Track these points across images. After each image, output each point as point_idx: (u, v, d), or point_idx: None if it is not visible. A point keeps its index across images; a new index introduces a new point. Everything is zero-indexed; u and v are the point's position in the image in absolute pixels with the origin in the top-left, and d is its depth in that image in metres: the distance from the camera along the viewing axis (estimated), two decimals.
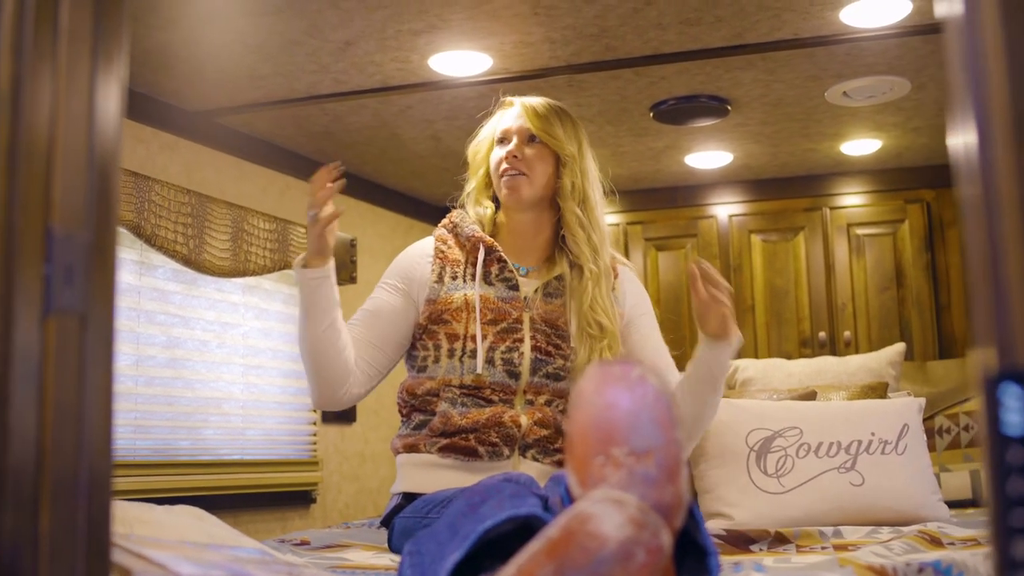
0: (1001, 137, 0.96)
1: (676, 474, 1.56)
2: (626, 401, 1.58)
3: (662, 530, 1.50)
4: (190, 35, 3.64)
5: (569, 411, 1.66)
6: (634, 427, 1.57)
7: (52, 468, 1.20)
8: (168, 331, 4.28)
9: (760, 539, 2.97)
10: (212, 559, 2.04)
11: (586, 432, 1.59)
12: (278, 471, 4.73)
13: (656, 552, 1.48)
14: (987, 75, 0.97)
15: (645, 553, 1.47)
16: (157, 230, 4.01)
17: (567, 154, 2.86)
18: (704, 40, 3.74)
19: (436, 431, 2.77)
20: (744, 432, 3.55)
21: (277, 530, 4.70)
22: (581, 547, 1.47)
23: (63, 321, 1.22)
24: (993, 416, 0.95)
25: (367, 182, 5.64)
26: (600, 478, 1.56)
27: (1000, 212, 0.97)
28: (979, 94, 0.98)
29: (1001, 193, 0.97)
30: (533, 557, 1.49)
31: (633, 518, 1.48)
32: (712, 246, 5.88)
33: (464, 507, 1.98)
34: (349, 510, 5.33)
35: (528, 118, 2.87)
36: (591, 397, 1.61)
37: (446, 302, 2.82)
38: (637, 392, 1.59)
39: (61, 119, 1.25)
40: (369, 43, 3.71)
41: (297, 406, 5.01)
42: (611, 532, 1.47)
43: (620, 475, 1.55)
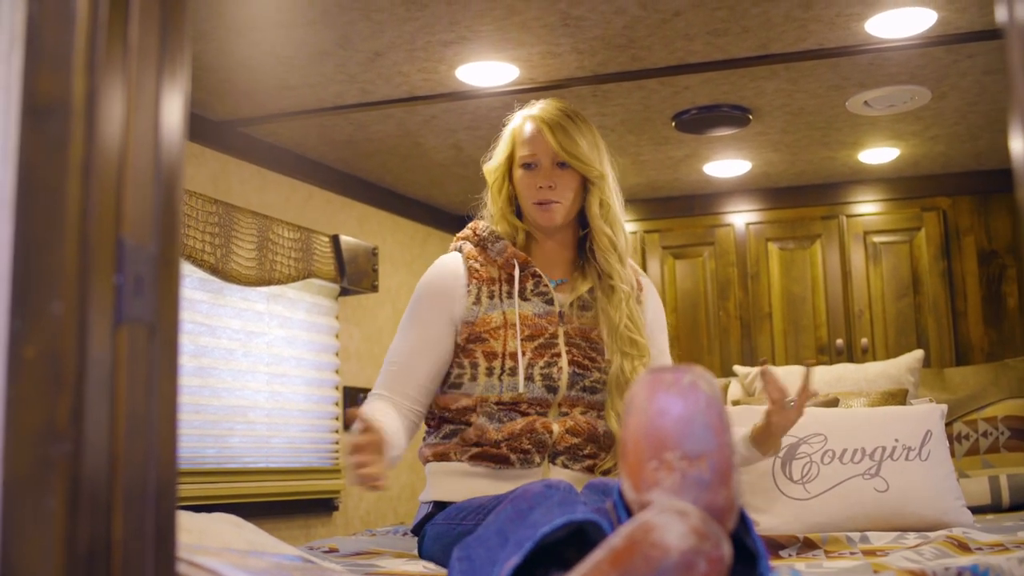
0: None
1: (728, 478, 1.59)
2: (678, 407, 1.60)
3: (723, 541, 1.52)
4: (222, 46, 3.67)
5: (623, 418, 1.68)
6: (687, 432, 1.59)
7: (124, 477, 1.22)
8: (195, 340, 4.31)
9: (789, 545, 2.98)
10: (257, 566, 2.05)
11: (639, 438, 1.61)
12: (301, 479, 4.75)
13: (717, 562, 1.51)
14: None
15: (706, 563, 1.49)
16: (186, 240, 4.04)
17: (596, 175, 2.83)
18: (730, 50, 3.77)
19: (469, 441, 2.76)
20: None
21: (301, 537, 4.72)
22: (644, 557, 1.49)
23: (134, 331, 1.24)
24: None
25: (388, 191, 5.67)
26: (653, 482, 1.58)
27: None
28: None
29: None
30: (596, 566, 1.51)
31: (696, 528, 1.50)
32: (729, 254, 5.90)
33: (513, 513, 1.98)
34: (370, 517, 5.35)
35: (552, 143, 2.81)
36: (643, 404, 1.62)
37: (485, 322, 2.79)
38: (689, 398, 1.60)
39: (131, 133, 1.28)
40: (398, 54, 3.75)
41: (320, 414, 5.03)
42: (674, 542, 1.49)
43: (673, 479, 1.57)
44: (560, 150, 2.80)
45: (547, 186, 2.81)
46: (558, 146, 2.80)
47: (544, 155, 2.83)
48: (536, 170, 2.84)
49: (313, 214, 5.09)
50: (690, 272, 5.97)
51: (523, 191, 2.87)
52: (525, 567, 1.76)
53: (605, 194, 2.85)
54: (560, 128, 2.83)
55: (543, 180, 2.82)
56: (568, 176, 2.82)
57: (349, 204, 5.40)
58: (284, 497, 4.67)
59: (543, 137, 2.83)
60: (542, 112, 2.89)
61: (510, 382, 2.74)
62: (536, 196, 2.83)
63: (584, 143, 2.82)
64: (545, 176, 2.82)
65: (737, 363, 5.67)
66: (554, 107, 2.90)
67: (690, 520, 1.50)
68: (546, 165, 2.83)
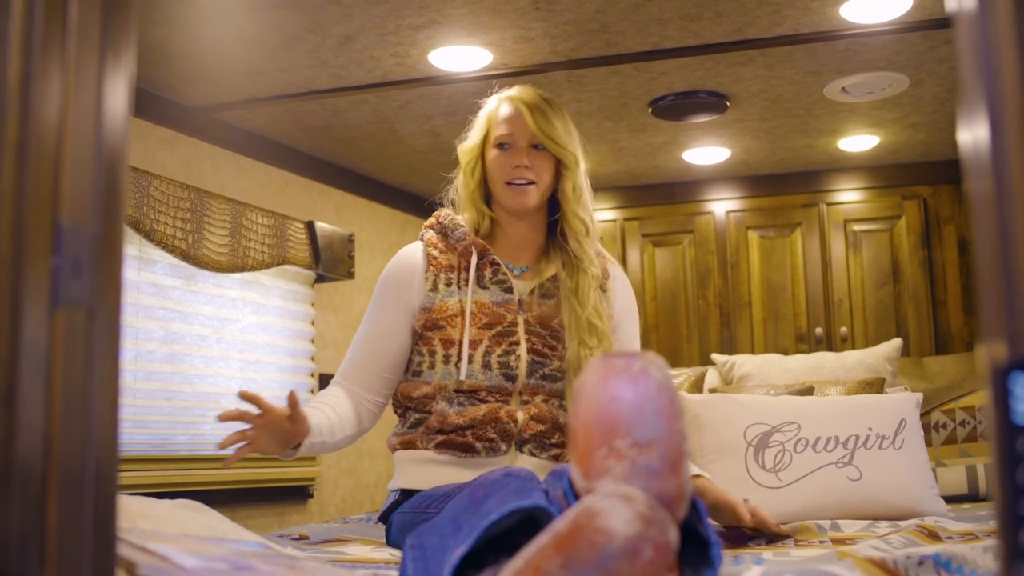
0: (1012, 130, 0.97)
1: (679, 466, 1.57)
2: (629, 393, 1.58)
3: (669, 526, 1.50)
4: (189, 30, 3.64)
5: (572, 404, 1.66)
6: (637, 419, 1.57)
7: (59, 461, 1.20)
8: (167, 326, 4.28)
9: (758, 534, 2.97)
10: (214, 552, 2.04)
11: (589, 425, 1.59)
12: (275, 466, 4.73)
13: (663, 548, 1.49)
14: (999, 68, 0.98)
15: (652, 549, 1.48)
16: (156, 225, 4.01)
17: (570, 160, 2.83)
18: (704, 35, 3.75)
19: (433, 429, 2.77)
20: (742, 427, 3.55)
21: (275, 525, 4.71)
22: (588, 542, 1.47)
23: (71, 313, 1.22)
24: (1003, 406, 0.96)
25: (365, 178, 5.64)
26: (603, 470, 1.56)
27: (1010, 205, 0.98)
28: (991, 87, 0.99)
29: (1011, 185, 0.98)
30: (541, 551, 1.49)
31: (642, 514, 1.48)
32: (709, 242, 5.89)
33: (467, 501, 1.98)
34: (346, 505, 5.34)
35: (530, 124, 2.81)
36: (594, 390, 1.61)
37: (441, 309, 2.80)
38: (640, 384, 1.59)
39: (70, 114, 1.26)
40: (369, 38, 3.72)
41: None
42: (619, 528, 1.47)
43: (623, 467, 1.55)
44: (538, 131, 2.80)
45: (523, 165, 2.81)
46: (536, 127, 2.80)
47: (521, 136, 2.83)
48: (512, 150, 2.84)
49: (289, 201, 5.07)
50: (670, 260, 5.95)
51: (496, 171, 2.86)
52: (476, 554, 1.75)
53: (578, 179, 2.85)
54: (539, 110, 2.84)
55: (519, 159, 2.82)
56: (543, 158, 2.83)
57: (326, 191, 5.37)
58: (258, 484, 4.66)
59: (521, 118, 2.83)
60: (520, 94, 2.90)
61: (468, 370, 2.75)
62: (510, 175, 2.82)
63: (560, 127, 2.83)
64: (522, 156, 2.82)
65: (716, 352, 5.66)
66: (531, 91, 2.91)
67: (636, 505, 1.49)
68: (522, 146, 2.83)
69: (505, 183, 2.83)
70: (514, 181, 2.81)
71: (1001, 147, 0.97)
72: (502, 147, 2.85)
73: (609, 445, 1.57)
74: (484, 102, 2.97)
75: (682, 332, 5.89)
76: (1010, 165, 0.97)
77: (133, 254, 4.13)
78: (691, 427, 3.63)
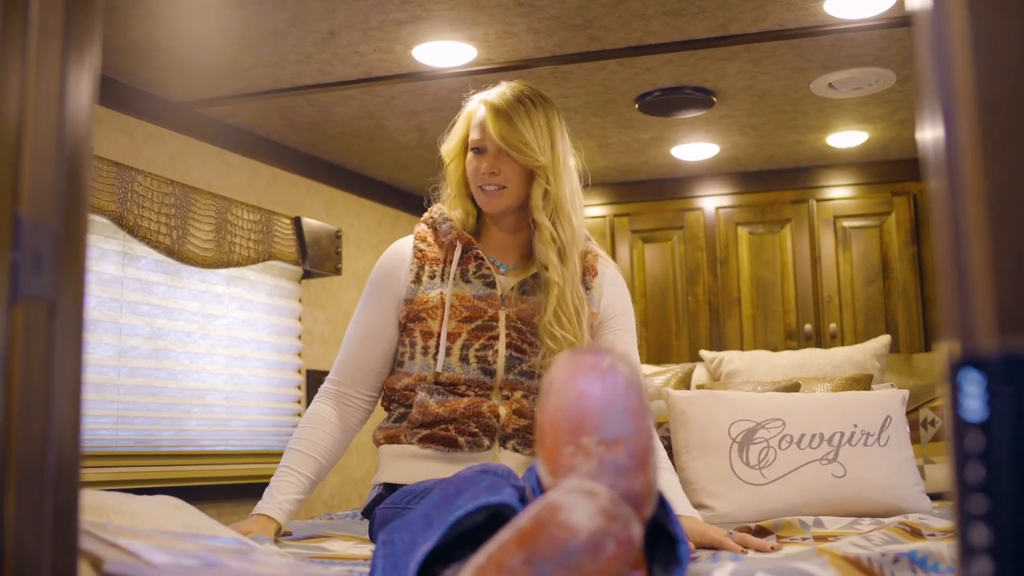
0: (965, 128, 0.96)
1: (646, 463, 1.56)
2: (597, 390, 1.57)
3: (633, 522, 1.49)
4: (173, 25, 3.63)
5: (540, 400, 1.66)
6: (604, 416, 1.56)
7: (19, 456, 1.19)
8: (151, 322, 4.27)
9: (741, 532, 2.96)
10: (187, 548, 2.03)
11: (556, 421, 1.58)
12: (262, 461, 4.72)
13: (626, 544, 1.48)
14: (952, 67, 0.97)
15: (615, 544, 1.47)
16: (140, 220, 4.00)
17: (538, 166, 2.80)
18: (688, 31, 3.74)
19: (416, 422, 2.77)
20: (727, 423, 3.55)
21: None
22: (551, 537, 1.46)
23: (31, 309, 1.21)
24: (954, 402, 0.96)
25: (354, 173, 5.63)
26: (570, 467, 1.55)
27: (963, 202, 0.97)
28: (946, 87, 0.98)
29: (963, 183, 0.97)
30: (503, 546, 1.48)
31: (604, 509, 1.48)
32: (699, 238, 5.88)
33: (439, 498, 1.97)
34: (334, 501, 5.33)
35: (492, 132, 2.79)
36: (561, 386, 1.60)
37: (422, 301, 2.81)
38: (608, 381, 1.58)
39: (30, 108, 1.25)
40: (353, 33, 3.71)
41: (281, 397, 5.00)
42: (581, 523, 1.46)
43: (590, 464, 1.55)
44: (500, 140, 2.79)
45: (490, 172, 2.81)
46: (499, 136, 2.79)
47: (489, 142, 2.83)
48: (482, 155, 2.84)
49: (277, 196, 5.05)
50: (659, 256, 5.95)
51: (470, 175, 2.87)
52: (445, 550, 1.74)
53: (551, 184, 2.81)
54: (504, 117, 2.81)
55: (487, 166, 2.82)
56: (512, 164, 2.81)
57: (315, 187, 5.36)
58: (244, 480, 4.64)
59: (491, 124, 2.82)
60: (494, 98, 2.87)
61: (445, 362, 2.75)
62: (480, 180, 2.83)
63: (530, 132, 2.79)
64: (490, 162, 2.82)
65: (705, 348, 5.65)
66: (510, 92, 2.87)
67: (598, 500, 1.48)
68: (491, 151, 2.83)
69: (478, 187, 2.84)
70: (484, 186, 2.82)
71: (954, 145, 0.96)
72: (475, 151, 2.85)
73: (576, 442, 1.57)
74: (467, 100, 2.96)
75: (671, 328, 5.89)
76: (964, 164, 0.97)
77: (117, 250, 4.12)
78: (676, 424, 3.62)
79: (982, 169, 0.95)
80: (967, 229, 0.97)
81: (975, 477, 0.93)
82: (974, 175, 0.97)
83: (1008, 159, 0.94)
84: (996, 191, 0.94)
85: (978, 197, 0.96)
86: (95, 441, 3.97)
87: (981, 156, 0.95)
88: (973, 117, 0.96)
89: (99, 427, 4.00)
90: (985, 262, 0.95)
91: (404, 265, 2.89)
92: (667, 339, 5.87)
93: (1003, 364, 0.93)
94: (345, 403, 2.91)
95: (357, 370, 2.90)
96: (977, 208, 0.97)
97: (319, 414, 2.90)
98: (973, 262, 0.96)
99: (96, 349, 4.02)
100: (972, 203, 0.97)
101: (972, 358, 0.95)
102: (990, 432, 0.93)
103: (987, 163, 0.95)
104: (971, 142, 0.96)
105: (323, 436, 2.87)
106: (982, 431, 0.93)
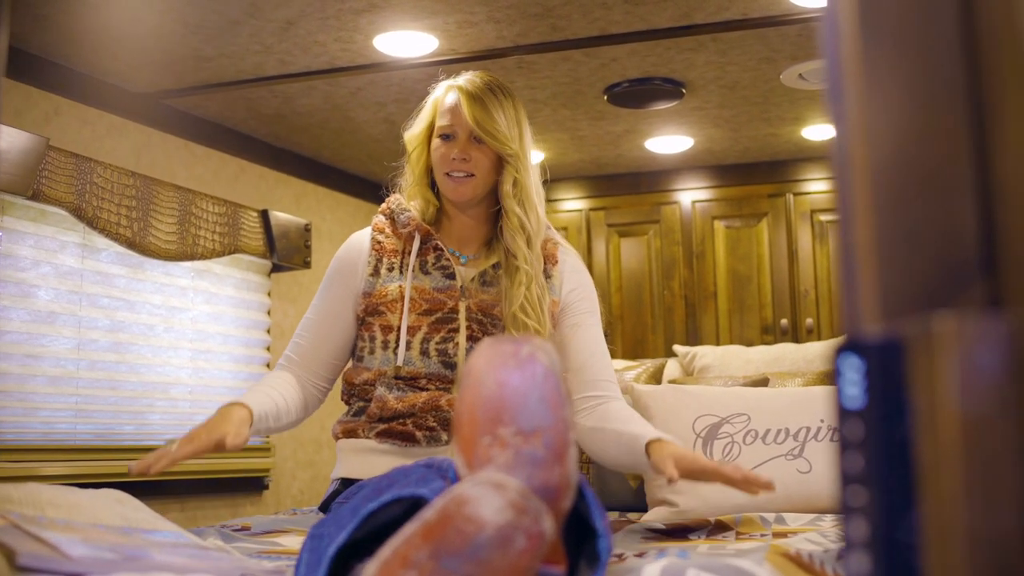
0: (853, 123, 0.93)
1: (564, 454, 1.52)
2: (515, 379, 1.53)
3: (544, 515, 1.45)
4: (129, 15, 3.59)
5: (459, 390, 1.61)
6: (522, 406, 1.52)
7: None
8: (112, 315, 4.22)
9: (700, 528, 2.93)
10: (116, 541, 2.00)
11: (474, 411, 1.54)
12: (229, 457, 4.68)
13: (537, 538, 1.44)
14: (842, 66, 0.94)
15: (525, 539, 1.42)
16: (99, 212, 3.95)
17: (509, 153, 2.76)
18: (651, 20, 3.69)
19: (374, 417, 2.73)
20: (691, 418, 3.51)
21: (227, 516, 4.66)
22: (458, 530, 1.42)
23: None
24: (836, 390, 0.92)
25: (325, 166, 5.59)
26: (487, 459, 1.51)
27: (851, 188, 0.94)
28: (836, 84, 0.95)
29: (852, 167, 0.94)
30: (408, 540, 1.44)
31: (513, 502, 1.43)
32: (675, 232, 5.84)
33: (370, 492, 1.93)
34: (303, 496, 5.29)
35: (468, 116, 2.75)
36: (480, 375, 1.56)
37: (381, 294, 2.76)
38: (527, 371, 1.54)
39: None
40: (311, 22, 3.66)
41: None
42: (489, 516, 1.42)
43: (507, 456, 1.50)
44: (475, 125, 2.74)
45: (460, 158, 2.76)
46: (473, 121, 2.74)
47: (461, 128, 2.78)
48: (452, 141, 2.79)
49: (245, 189, 5.01)
50: (635, 251, 5.91)
51: (437, 161, 2.81)
52: (365, 544, 1.71)
53: (520, 173, 2.78)
54: (479, 102, 2.77)
55: (457, 152, 2.76)
56: (483, 151, 2.77)
57: (285, 180, 5.32)
58: (210, 475, 4.61)
59: (460, 109, 2.77)
60: (465, 83, 2.83)
61: (405, 356, 2.71)
62: (449, 167, 2.77)
63: (502, 120, 2.76)
64: (460, 148, 2.77)
65: (681, 343, 5.62)
66: (479, 79, 2.84)
67: (507, 493, 1.43)
68: (462, 138, 2.77)
69: (445, 174, 2.79)
70: (452, 173, 2.77)
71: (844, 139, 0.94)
72: (444, 137, 2.80)
73: (493, 433, 1.52)
74: (433, 87, 2.91)
75: (647, 323, 5.85)
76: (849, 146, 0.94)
77: (76, 242, 4.07)
78: None
79: (867, 168, 0.93)
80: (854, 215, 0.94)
81: (854, 467, 0.89)
82: (861, 174, 0.94)
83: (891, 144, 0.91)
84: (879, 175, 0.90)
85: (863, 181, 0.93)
86: (52, 435, 3.93)
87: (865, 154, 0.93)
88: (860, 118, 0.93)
89: (57, 420, 3.97)
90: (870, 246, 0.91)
91: (362, 258, 2.84)
92: (643, 334, 5.84)
93: (881, 349, 0.89)
94: (303, 384, 2.84)
95: (310, 359, 2.84)
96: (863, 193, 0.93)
97: (280, 377, 2.81)
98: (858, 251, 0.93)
99: (54, 342, 3.97)
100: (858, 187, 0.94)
101: (852, 343, 0.91)
102: (868, 420, 0.89)
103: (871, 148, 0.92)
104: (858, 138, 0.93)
105: (291, 391, 2.76)
106: (861, 419, 0.89)
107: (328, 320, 2.84)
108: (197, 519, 4.52)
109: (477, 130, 2.74)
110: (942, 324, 0.84)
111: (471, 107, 2.75)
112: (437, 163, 2.81)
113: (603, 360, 2.89)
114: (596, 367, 2.85)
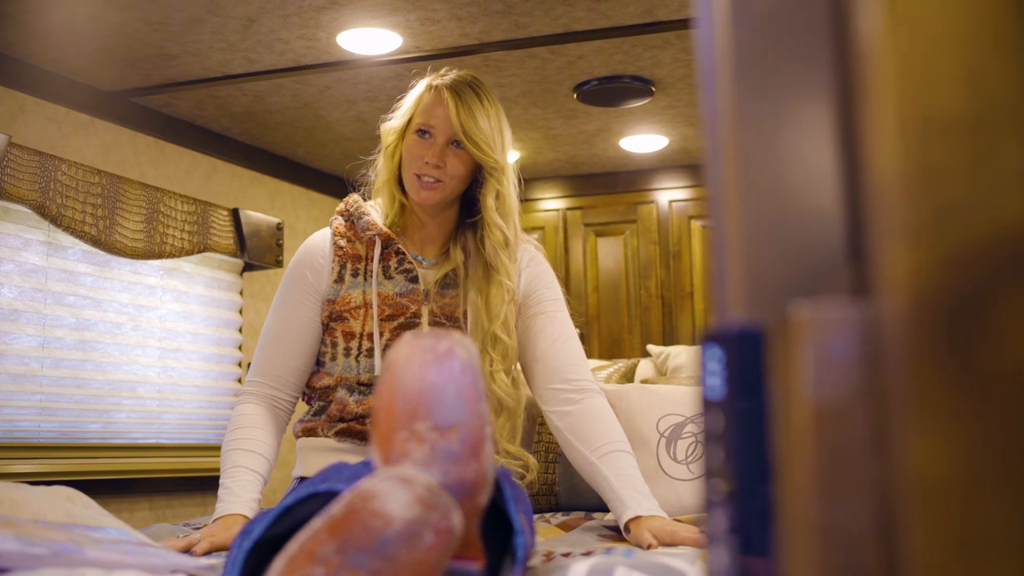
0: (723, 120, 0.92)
1: (479, 450, 1.51)
2: (432, 374, 1.52)
3: (452, 511, 1.44)
4: (92, 12, 3.57)
5: (376, 384, 1.60)
6: (438, 401, 1.51)
7: None
8: (77, 313, 4.21)
9: None
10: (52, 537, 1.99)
11: (391, 406, 1.53)
12: (198, 455, 4.67)
13: (446, 534, 1.42)
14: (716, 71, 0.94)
15: (433, 534, 1.41)
16: (64, 210, 3.94)
17: (492, 165, 2.65)
18: (614, 17, 3.68)
19: (334, 417, 2.71)
20: (655, 418, 3.49)
21: (196, 514, 4.64)
22: (364, 526, 1.41)
23: None
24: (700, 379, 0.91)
25: (298, 165, 5.57)
26: (403, 454, 1.50)
27: (719, 175, 0.93)
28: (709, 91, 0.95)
29: (723, 176, 0.93)
30: (315, 535, 1.43)
31: (421, 497, 1.42)
32: (652, 232, 5.84)
33: (301, 488, 1.93)
34: (276, 495, 5.27)
35: (453, 120, 2.62)
36: (398, 370, 1.54)
37: (344, 301, 2.70)
38: (444, 365, 1.53)
39: None
40: (273, 20, 3.65)
41: (219, 390, 4.94)
42: (396, 511, 1.41)
43: (423, 451, 1.49)
44: (459, 128, 2.62)
45: (434, 164, 2.63)
46: (459, 124, 2.61)
47: (441, 130, 2.65)
48: (429, 141, 2.65)
49: (218, 188, 5.00)
50: (612, 250, 5.90)
51: (410, 158, 2.67)
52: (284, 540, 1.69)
53: (502, 185, 2.67)
54: (465, 106, 2.64)
55: (432, 156, 2.64)
56: (460, 157, 2.65)
57: (258, 178, 5.30)
58: (178, 474, 4.59)
59: (445, 110, 2.64)
60: (452, 83, 2.70)
61: (367, 363, 2.66)
62: (420, 168, 2.64)
63: (486, 126, 2.64)
64: (436, 152, 2.64)
65: (658, 342, 5.60)
66: (464, 80, 2.72)
67: (415, 488, 1.42)
68: (440, 141, 2.65)
69: (414, 174, 2.67)
70: (422, 176, 2.65)
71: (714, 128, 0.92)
72: (421, 133, 2.66)
73: (410, 428, 1.51)
74: (415, 83, 2.77)
75: (624, 323, 5.84)
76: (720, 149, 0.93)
77: (40, 239, 4.06)
78: None
79: (735, 167, 0.92)
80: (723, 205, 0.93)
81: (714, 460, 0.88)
82: (732, 175, 0.93)
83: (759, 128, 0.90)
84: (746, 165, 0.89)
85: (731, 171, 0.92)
86: (15, 432, 3.92)
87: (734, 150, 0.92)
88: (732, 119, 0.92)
89: (20, 418, 3.96)
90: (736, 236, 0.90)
91: (325, 264, 2.75)
92: (619, 333, 5.83)
93: (740, 339, 0.88)
94: (275, 405, 2.77)
95: (283, 371, 2.75)
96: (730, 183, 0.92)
97: (254, 415, 2.75)
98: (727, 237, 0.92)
99: (17, 339, 3.96)
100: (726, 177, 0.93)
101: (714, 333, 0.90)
102: (728, 411, 0.87)
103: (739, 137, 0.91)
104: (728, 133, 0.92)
105: (266, 435, 2.72)
106: (721, 410, 0.88)
107: (294, 328, 2.75)
108: (166, 517, 4.51)
109: (461, 135, 2.62)
110: (798, 312, 0.83)
111: (458, 110, 2.63)
112: (408, 160, 2.68)
113: (570, 347, 2.81)
114: (562, 354, 2.77)
